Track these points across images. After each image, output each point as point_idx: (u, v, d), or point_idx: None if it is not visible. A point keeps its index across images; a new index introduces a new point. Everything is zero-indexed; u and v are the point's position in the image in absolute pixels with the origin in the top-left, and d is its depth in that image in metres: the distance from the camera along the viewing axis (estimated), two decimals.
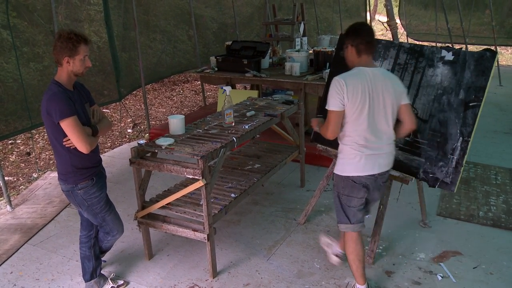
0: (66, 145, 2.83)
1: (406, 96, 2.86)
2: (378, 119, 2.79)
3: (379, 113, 2.78)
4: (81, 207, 3.06)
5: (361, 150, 2.82)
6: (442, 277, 3.35)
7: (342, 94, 2.71)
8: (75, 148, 2.83)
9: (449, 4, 11.23)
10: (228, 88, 3.88)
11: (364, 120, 2.76)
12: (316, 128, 3.12)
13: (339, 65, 3.93)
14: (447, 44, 9.15)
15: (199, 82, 10.28)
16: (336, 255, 3.41)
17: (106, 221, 3.17)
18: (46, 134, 7.32)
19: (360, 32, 2.81)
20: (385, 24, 4.91)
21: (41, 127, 6.54)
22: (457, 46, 3.80)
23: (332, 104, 2.75)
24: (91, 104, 3.05)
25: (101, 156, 3.31)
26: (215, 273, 3.44)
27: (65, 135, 2.79)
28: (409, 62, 3.48)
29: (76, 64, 2.80)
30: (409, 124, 2.89)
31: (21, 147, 6.75)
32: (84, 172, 2.94)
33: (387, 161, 2.91)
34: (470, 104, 3.11)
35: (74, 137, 2.76)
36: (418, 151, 3.36)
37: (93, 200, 3.03)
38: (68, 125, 2.72)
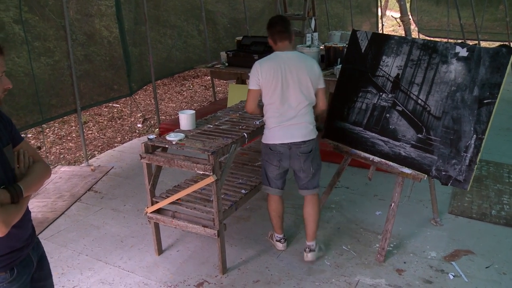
0: None
1: (322, 80, 3.32)
2: (292, 95, 3.22)
3: (294, 89, 3.21)
4: None
5: (276, 121, 3.27)
6: (453, 276, 3.31)
7: (257, 76, 3.24)
8: None
9: (461, 0, 11.12)
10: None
11: (278, 96, 3.21)
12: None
13: (352, 61, 3.91)
14: (459, 40, 9.06)
15: (209, 77, 10.26)
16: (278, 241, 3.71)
17: None
18: (56, 128, 7.36)
19: (274, 25, 3.31)
20: (398, 20, 4.86)
21: (51, 121, 6.57)
22: (469, 42, 3.76)
23: (251, 84, 3.29)
24: (14, 144, 1.93)
25: (111, 150, 3.14)
26: (224, 270, 3.43)
27: None
28: (422, 58, 3.43)
29: None
30: (321, 106, 3.39)
31: (32, 141, 6.78)
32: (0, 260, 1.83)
33: (300, 132, 3.27)
34: (485, 101, 3.07)
35: None
36: (431, 148, 3.32)
37: None
38: None
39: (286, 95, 3.22)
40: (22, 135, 1.94)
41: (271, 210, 3.60)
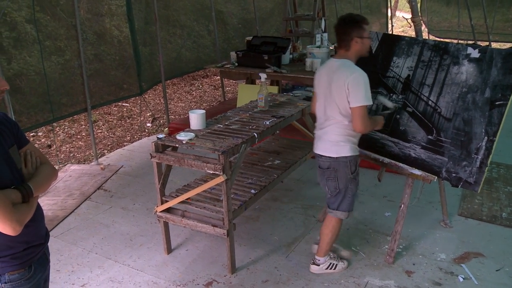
0: None
1: (355, 98, 2.87)
2: (326, 106, 3.05)
3: (326, 100, 3.03)
4: None
5: (315, 128, 3.24)
6: (463, 279, 3.30)
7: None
8: None
9: (472, 0, 11.04)
10: (263, 75, 4.19)
11: (319, 103, 3.13)
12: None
13: (362, 62, 3.89)
14: (469, 41, 9.00)
15: (218, 77, 10.28)
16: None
17: None
18: (66, 127, 7.41)
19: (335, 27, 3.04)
20: (409, 21, 4.83)
21: (62, 120, 6.61)
22: (480, 43, 3.73)
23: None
24: (20, 146, 1.97)
25: (121, 149, 3.12)
26: (233, 269, 3.44)
27: None
28: (433, 59, 3.42)
29: None
30: (353, 126, 2.97)
31: (42, 140, 6.82)
32: (17, 256, 1.87)
33: (321, 144, 3.13)
34: (497, 103, 3.05)
35: None
36: (441, 150, 3.30)
37: None
38: None
39: (323, 104, 3.09)
40: (32, 133, 1.96)
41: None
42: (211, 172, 3.16)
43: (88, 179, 5.20)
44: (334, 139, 3.04)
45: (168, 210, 3.56)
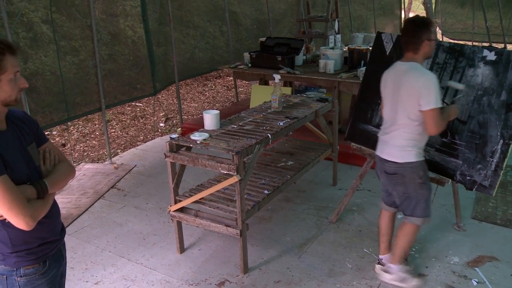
0: None
1: (425, 101, 2.80)
2: (393, 110, 3.00)
3: (393, 104, 3.00)
4: None
5: (380, 132, 3.20)
6: (477, 283, 3.27)
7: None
8: None
9: (488, 1, 10.94)
10: (277, 76, 4.22)
11: (386, 107, 3.11)
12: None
13: (376, 63, 3.88)
14: (484, 43, 8.92)
15: (231, 78, 10.30)
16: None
17: None
18: (80, 126, 7.47)
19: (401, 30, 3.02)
20: None
21: (76, 119, 6.68)
22: (495, 45, 3.70)
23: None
24: (39, 143, 2.01)
25: (134, 149, 3.14)
26: (246, 269, 3.45)
27: None
28: (448, 61, 3.40)
29: (3, 88, 1.79)
30: (426, 129, 2.90)
31: (57, 139, 6.89)
32: (33, 252, 1.92)
33: (388, 149, 3.06)
34: None
35: (5, 208, 1.73)
36: (456, 152, 3.29)
37: None
38: None
39: (389, 108, 3.05)
40: (47, 132, 2.04)
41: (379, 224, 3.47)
42: (225, 172, 3.17)
43: (101, 178, 5.24)
44: (400, 144, 2.97)
45: (181, 210, 3.58)
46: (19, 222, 1.76)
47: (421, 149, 3.00)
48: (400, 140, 2.97)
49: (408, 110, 2.87)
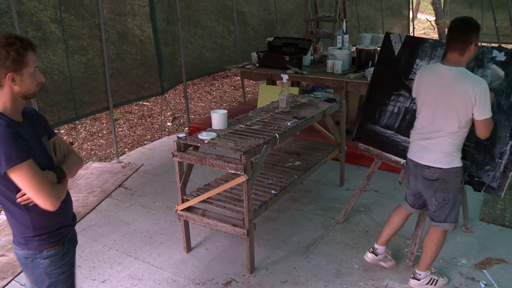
0: (22, 202, 1.97)
1: (480, 110, 2.75)
2: (435, 116, 2.90)
3: (437, 111, 2.89)
4: (38, 285, 2.18)
5: (413, 137, 3.10)
6: (485, 285, 3.26)
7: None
8: (35, 205, 1.97)
9: (497, 2, 10.87)
10: (285, 76, 4.21)
11: (424, 111, 2.99)
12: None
13: (384, 63, 3.87)
14: (493, 44, 8.88)
15: (238, 78, 10.32)
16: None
17: None
18: (88, 125, 7.50)
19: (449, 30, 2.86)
20: (433, 23, 4.79)
21: (83, 118, 6.70)
22: (504, 46, 3.68)
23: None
24: (49, 136, 2.18)
25: (141, 148, 3.18)
26: (252, 269, 3.45)
27: (18, 189, 1.94)
28: None
29: (25, 81, 1.94)
30: (478, 133, 2.88)
31: (65, 137, 6.93)
32: (52, 235, 2.11)
33: (429, 156, 2.96)
34: None
35: (33, 190, 1.89)
36: (464, 153, 3.26)
37: (58, 277, 2.17)
38: (21, 175, 1.87)
39: (431, 113, 2.93)
40: (55, 131, 2.22)
41: (390, 216, 3.44)
42: (233, 172, 3.18)
43: (109, 176, 5.26)
44: (447, 150, 2.89)
45: (188, 209, 3.59)
46: (46, 203, 1.93)
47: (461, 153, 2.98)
48: (447, 146, 2.89)
49: (461, 118, 2.80)
